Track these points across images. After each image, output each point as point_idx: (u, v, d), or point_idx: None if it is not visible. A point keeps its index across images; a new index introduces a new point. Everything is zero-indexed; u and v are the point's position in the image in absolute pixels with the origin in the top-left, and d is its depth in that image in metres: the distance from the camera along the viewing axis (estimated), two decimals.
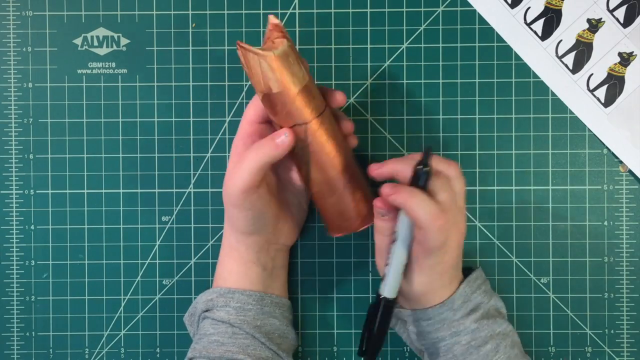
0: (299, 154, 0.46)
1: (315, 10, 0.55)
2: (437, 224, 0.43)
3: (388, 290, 0.46)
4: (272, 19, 0.44)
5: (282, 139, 0.44)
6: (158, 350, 0.55)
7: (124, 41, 0.55)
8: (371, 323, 0.46)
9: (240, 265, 0.49)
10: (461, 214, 0.46)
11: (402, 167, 0.45)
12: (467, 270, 0.50)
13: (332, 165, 0.46)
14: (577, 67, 0.54)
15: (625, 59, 0.54)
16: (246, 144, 0.46)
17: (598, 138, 0.54)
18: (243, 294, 0.48)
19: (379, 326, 0.46)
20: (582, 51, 0.54)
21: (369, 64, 0.54)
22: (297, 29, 0.54)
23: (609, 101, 0.54)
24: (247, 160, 0.44)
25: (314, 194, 0.48)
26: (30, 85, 0.55)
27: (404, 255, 0.45)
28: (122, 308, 0.55)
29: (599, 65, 0.54)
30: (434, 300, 0.47)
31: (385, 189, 0.44)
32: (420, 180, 0.44)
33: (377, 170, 0.46)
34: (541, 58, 0.54)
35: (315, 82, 0.54)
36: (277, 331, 0.49)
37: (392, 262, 0.45)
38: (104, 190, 0.55)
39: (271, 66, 0.42)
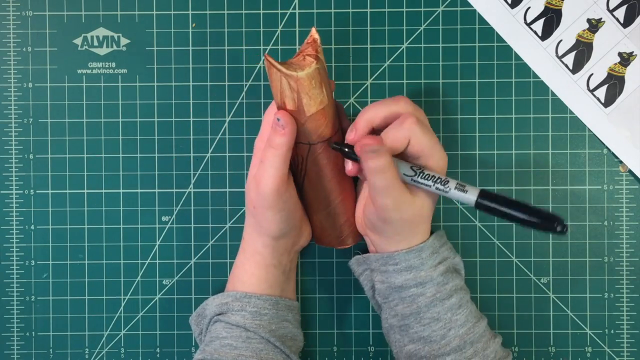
0: (298, 167, 0.46)
1: (315, 10, 0.55)
2: (438, 147, 0.44)
3: (469, 192, 0.43)
4: (314, 33, 0.44)
5: (279, 122, 0.43)
6: (158, 350, 0.55)
7: (124, 41, 0.55)
8: (510, 214, 0.42)
9: (262, 269, 0.48)
10: (439, 143, 0.45)
11: (374, 113, 0.44)
12: None
13: (325, 188, 0.47)
14: (577, 67, 0.54)
15: (625, 59, 0.54)
16: None
17: (598, 138, 0.54)
18: (260, 299, 0.48)
19: (508, 207, 0.43)
20: (582, 51, 0.54)
21: (369, 64, 0.54)
22: (297, 29, 0.54)
23: (609, 101, 0.54)
24: (268, 158, 0.44)
25: (305, 203, 0.49)
26: (30, 85, 0.55)
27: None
28: (122, 308, 0.55)
29: (599, 65, 0.54)
30: (409, 242, 0.46)
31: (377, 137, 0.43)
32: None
33: (354, 138, 0.44)
34: (541, 58, 0.54)
35: None
36: (290, 334, 0.49)
37: (437, 182, 0.44)
38: (104, 190, 0.55)
39: (291, 86, 0.42)
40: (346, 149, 0.45)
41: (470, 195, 0.43)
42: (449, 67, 0.54)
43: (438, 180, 0.44)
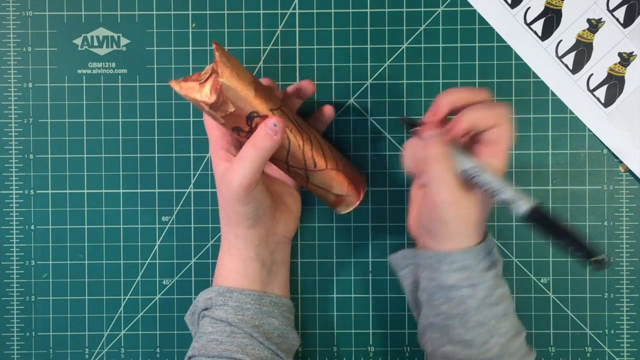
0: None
1: (315, 10, 0.55)
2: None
3: (523, 203, 0.43)
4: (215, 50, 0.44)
5: (274, 128, 0.43)
6: (158, 350, 0.55)
7: (124, 41, 0.55)
8: (555, 236, 0.43)
9: (239, 263, 0.49)
10: None
11: (458, 95, 0.45)
12: None
13: (299, 154, 0.47)
14: (577, 67, 0.54)
15: (625, 59, 0.54)
16: (223, 146, 0.47)
17: (598, 138, 0.54)
18: (241, 294, 0.48)
19: (554, 229, 0.43)
20: (582, 51, 0.54)
21: (369, 64, 0.54)
22: (297, 29, 0.54)
23: (609, 101, 0.54)
24: (246, 157, 0.44)
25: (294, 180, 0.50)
26: (30, 85, 0.55)
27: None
28: (122, 308, 0.55)
29: (599, 65, 0.54)
30: (467, 242, 0.46)
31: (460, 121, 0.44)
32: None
33: (434, 119, 0.45)
34: (541, 58, 0.54)
35: (315, 83, 0.54)
36: (277, 331, 0.49)
37: (495, 185, 0.44)
38: (104, 190, 0.55)
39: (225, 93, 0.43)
40: (414, 124, 0.45)
41: (523, 207, 0.43)
42: (449, 67, 0.54)
43: (496, 184, 0.44)
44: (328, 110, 0.51)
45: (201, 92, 0.43)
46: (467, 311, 0.45)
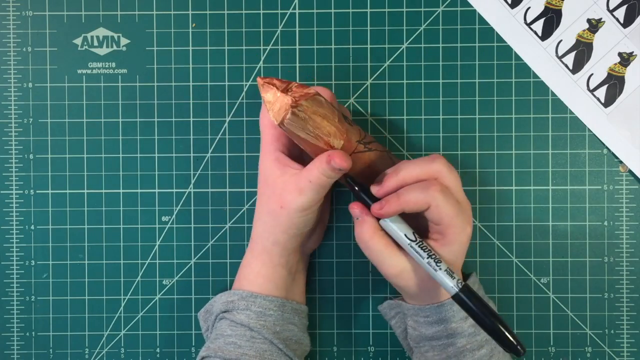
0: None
1: (315, 10, 0.55)
2: (462, 217, 0.43)
3: (449, 284, 0.42)
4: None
5: (340, 164, 0.42)
6: (158, 350, 0.55)
7: (124, 41, 0.55)
8: (478, 320, 0.42)
9: (269, 269, 0.48)
10: (467, 208, 0.45)
11: (408, 174, 0.44)
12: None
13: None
14: (577, 67, 0.54)
15: (625, 59, 0.54)
16: (278, 147, 0.46)
17: (598, 138, 0.54)
18: (265, 299, 0.48)
19: (479, 310, 0.42)
20: (582, 51, 0.54)
21: (369, 64, 0.54)
22: (297, 29, 0.54)
23: (609, 101, 0.54)
24: (310, 179, 0.43)
25: None
26: (30, 85, 0.55)
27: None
28: (122, 308, 0.55)
29: (599, 65, 0.54)
30: (436, 297, 0.46)
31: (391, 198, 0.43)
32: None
33: (380, 191, 0.44)
34: (541, 58, 0.54)
35: (315, 83, 0.54)
36: (295, 337, 0.49)
37: (424, 261, 0.43)
38: (104, 190, 0.55)
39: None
40: (356, 188, 0.44)
41: (453, 286, 0.42)
42: (449, 67, 0.54)
43: (432, 256, 0.43)
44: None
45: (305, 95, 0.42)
46: (450, 358, 0.46)
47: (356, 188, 0.45)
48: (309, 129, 0.42)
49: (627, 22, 0.54)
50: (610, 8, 0.54)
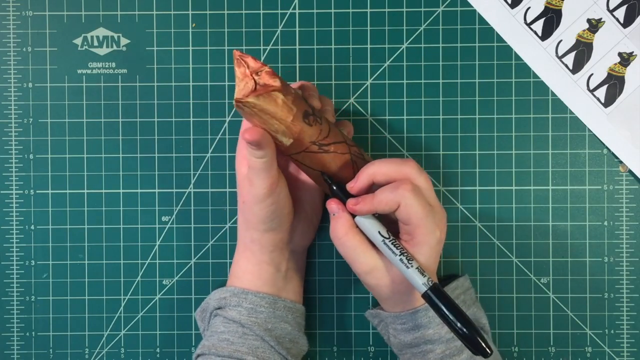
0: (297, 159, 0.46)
1: (315, 10, 0.55)
2: (431, 219, 0.43)
3: (419, 282, 0.42)
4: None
5: (248, 139, 0.42)
6: (158, 350, 0.55)
7: (124, 41, 0.55)
8: (444, 316, 0.42)
9: (254, 266, 0.49)
10: (439, 212, 0.45)
11: (378, 169, 0.44)
12: (453, 277, 0.51)
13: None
14: (577, 67, 0.54)
15: (625, 59, 0.54)
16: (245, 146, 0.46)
17: (598, 138, 0.54)
18: (256, 296, 0.48)
19: (448, 310, 0.41)
20: (582, 51, 0.54)
21: (369, 64, 0.54)
22: (297, 29, 0.54)
23: (609, 101, 0.54)
24: (254, 165, 0.44)
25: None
26: (30, 85, 0.55)
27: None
28: (122, 308, 0.55)
29: (599, 65, 0.54)
30: (409, 303, 0.46)
31: (363, 199, 0.44)
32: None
33: (354, 186, 0.44)
34: (541, 58, 0.54)
35: (316, 83, 0.54)
36: (288, 336, 0.49)
37: (395, 257, 0.43)
38: (104, 190, 0.55)
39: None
40: (334, 187, 0.45)
41: (423, 284, 0.42)
42: (449, 67, 0.54)
43: (405, 254, 0.43)
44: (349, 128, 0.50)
45: (266, 87, 0.42)
46: None
47: (333, 185, 0.45)
48: (255, 122, 0.43)
49: (627, 22, 0.54)
50: (610, 8, 0.54)
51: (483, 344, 0.40)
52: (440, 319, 0.44)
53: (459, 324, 0.41)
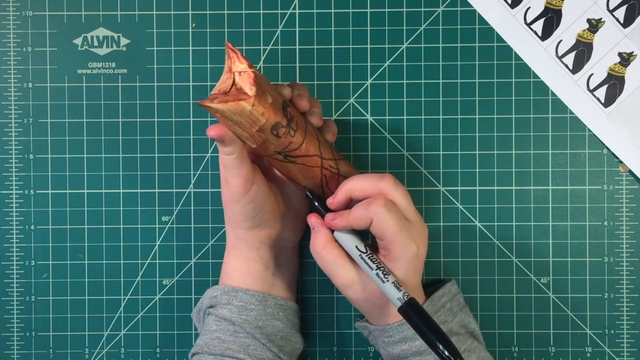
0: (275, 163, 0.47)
1: (315, 10, 0.55)
2: (406, 234, 0.43)
3: (394, 297, 0.42)
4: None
5: (211, 135, 0.43)
6: (158, 350, 0.55)
7: (124, 41, 0.55)
8: (420, 330, 0.41)
9: (243, 263, 0.49)
10: (417, 227, 0.45)
11: (355, 185, 0.44)
12: (441, 282, 0.51)
13: (325, 143, 0.47)
14: (577, 67, 0.54)
15: (625, 59, 0.54)
16: None
17: (598, 138, 0.54)
18: (246, 294, 0.48)
19: (423, 325, 0.41)
20: (582, 51, 0.54)
21: (369, 64, 0.54)
22: (297, 29, 0.54)
23: (609, 101, 0.54)
24: (226, 163, 0.45)
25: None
26: (30, 85, 0.55)
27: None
28: (122, 308, 0.55)
29: (599, 65, 0.54)
30: (394, 316, 0.46)
31: (339, 214, 0.44)
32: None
33: (333, 202, 0.45)
34: (541, 58, 0.54)
35: (316, 83, 0.54)
36: (280, 333, 0.49)
37: (372, 272, 0.43)
38: (104, 190, 0.55)
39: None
40: (316, 203, 0.46)
41: (399, 298, 0.42)
42: (449, 67, 0.54)
43: (381, 268, 0.43)
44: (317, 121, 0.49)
45: (239, 94, 0.42)
46: None
47: (314, 201, 0.46)
48: (220, 120, 0.43)
49: (627, 22, 0.54)
50: (610, 8, 0.54)
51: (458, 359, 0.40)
52: (443, 317, 0.44)
53: (434, 341, 0.40)
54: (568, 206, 0.54)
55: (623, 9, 0.54)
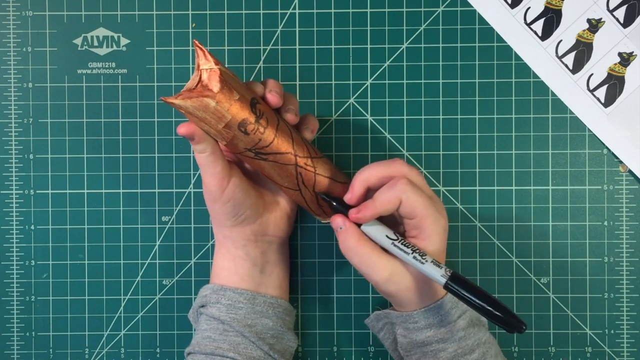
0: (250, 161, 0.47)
1: (315, 10, 0.55)
2: (434, 208, 0.44)
3: (437, 275, 0.43)
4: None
5: (181, 132, 0.44)
6: (158, 350, 0.55)
7: (124, 41, 0.55)
8: (471, 302, 0.42)
9: (230, 261, 0.49)
10: (438, 201, 0.46)
11: (370, 173, 0.45)
12: None
13: (299, 140, 0.47)
14: (577, 67, 0.54)
15: (625, 59, 0.54)
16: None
17: (598, 138, 0.54)
18: (234, 292, 0.48)
19: (473, 295, 0.42)
20: (582, 51, 0.54)
21: (369, 64, 0.54)
22: (297, 29, 0.54)
23: (609, 101, 0.54)
24: (200, 162, 0.46)
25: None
26: (30, 85, 0.55)
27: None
28: (122, 308, 0.55)
29: (599, 65, 0.54)
30: (421, 301, 0.46)
31: (366, 203, 0.44)
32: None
33: (351, 197, 0.45)
34: (541, 58, 0.54)
35: (315, 83, 0.54)
36: (270, 331, 0.49)
37: (409, 256, 0.43)
38: (104, 190, 0.55)
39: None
40: (334, 204, 0.46)
41: (442, 275, 0.42)
42: (449, 67, 0.54)
43: (417, 251, 0.43)
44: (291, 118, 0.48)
45: (204, 90, 0.43)
46: None
47: (332, 202, 0.46)
48: (189, 117, 0.44)
49: (627, 22, 0.54)
50: (610, 8, 0.54)
51: (516, 321, 0.40)
52: (455, 319, 0.45)
53: (487, 307, 0.41)
54: (568, 206, 0.54)
55: (623, 9, 0.54)
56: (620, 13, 0.54)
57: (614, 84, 0.54)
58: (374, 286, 0.46)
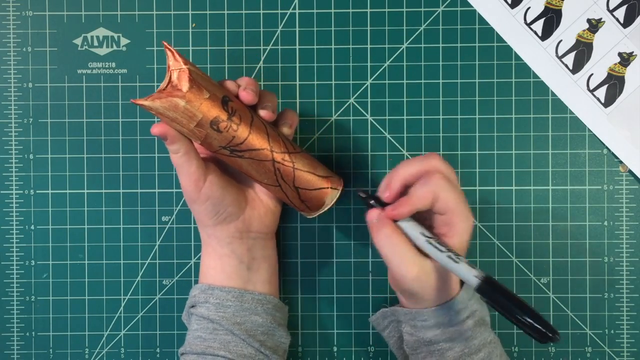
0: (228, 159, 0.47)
1: (315, 10, 0.55)
2: (465, 205, 0.44)
3: (470, 276, 0.42)
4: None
5: (154, 133, 0.45)
6: (158, 350, 0.55)
7: (124, 41, 0.55)
8: (504, 307, 0.41)
9: (216, 260, 0.49)
10: (466, 202, 0.45)
11: (406, 170, 0.44)
12: None
13: (275, 135, 0.47)
14: (577, 67, 0.54)
15: (625, 59, 0.54)
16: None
17: (598, 138, 0.54)
18: (222, 291, 0.48)
19: (506, 300, 0.41)
20: (582, 51, 0.54)
21: (369, 64, 0.54)
22: (297, 29, 0.54)
23: (609, 101, 0.54)
24: (175, 162, 0.47)
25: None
26: (30, 85, 0.55)
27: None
28: (122, 308, 0.55)
29: (599, 65, 0.54)
30: (435, 300, 0.46)
31: (399, 203, 0.44)
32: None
33: (390, 195, 0.45)
34: (541, 58, 0.54)
35: (315, 83, 0.54)
36: (260, 328, 0.49)
37: (443, 255, 0.43)
38: (104, 190, 0.55)
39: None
40: (371, 202, 0.45)
41: (475, 276, 0.42)
42: (449, 67, 0.54)
43: (451, 250, 0.43)
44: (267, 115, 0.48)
45: (173, 90, 0.43)
46: None
47: (369, 200, 0.45)
48: (162, 118, 0.44)
49: (627, 22, 0.54)
50: (610, 8, 0.54)
51: (548, 331, 0.39)
52: (464, 318, 0.45)
53: (520, 314, 0.40)
54: (568, 206, 0.54)
55: (623, 9, 0.54)
56: (620, 13, 0.54)
57: (614, 84, 0.54)
58: (396, 281, 0.45)
